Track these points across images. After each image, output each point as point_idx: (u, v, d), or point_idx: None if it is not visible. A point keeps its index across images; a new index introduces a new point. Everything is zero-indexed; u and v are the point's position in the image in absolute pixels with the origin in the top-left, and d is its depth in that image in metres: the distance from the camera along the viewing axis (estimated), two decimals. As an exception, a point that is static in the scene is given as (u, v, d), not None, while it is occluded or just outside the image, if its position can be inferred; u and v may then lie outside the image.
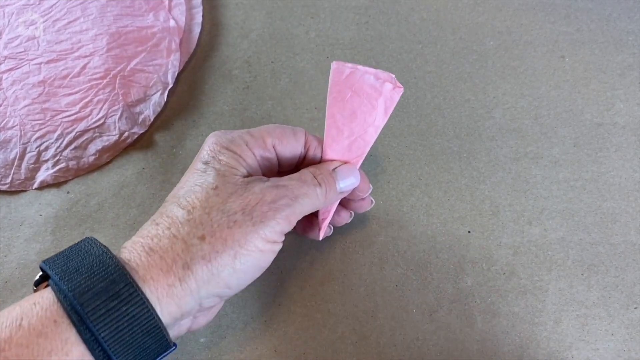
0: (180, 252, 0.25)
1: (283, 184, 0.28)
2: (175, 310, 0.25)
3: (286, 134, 0.31)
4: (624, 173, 0.38)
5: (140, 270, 0.25)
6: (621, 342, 0.32)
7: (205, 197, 0.27)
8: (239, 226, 0.26)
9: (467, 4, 0.46)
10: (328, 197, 0.30)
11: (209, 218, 0.26)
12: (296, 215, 0.28)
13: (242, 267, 0.26)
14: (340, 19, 0.46)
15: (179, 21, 0.45)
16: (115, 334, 0.23)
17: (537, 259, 0.35)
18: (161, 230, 0.26)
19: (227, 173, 0.28)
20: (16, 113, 0.40)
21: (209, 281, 0.25)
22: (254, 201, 0.27)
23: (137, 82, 0.42)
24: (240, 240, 0.26)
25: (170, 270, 0.25)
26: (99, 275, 0.24)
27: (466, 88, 0.42)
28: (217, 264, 0.25)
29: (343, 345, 0.33)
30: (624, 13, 0.44)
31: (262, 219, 0.26)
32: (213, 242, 0.26)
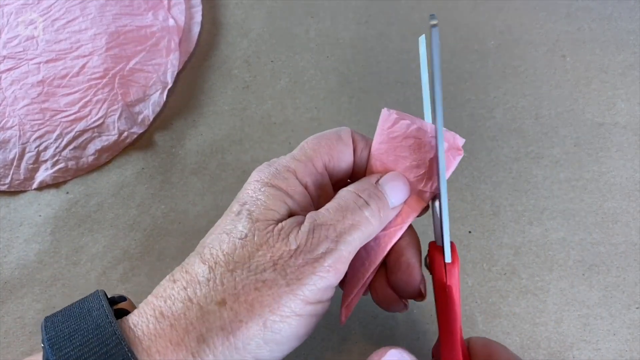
0: (194, 321, 0.21)
1: (321, 221, 0.23)
2: None
3: (334, 145, 0.25)
4: (625, 173, 0.37)
5: (145, 341, 0.21)
6: (623, 342, 0.32)
7: (231, 249, 0.22)
8: (269, 287, 0.21)
9: (468, 4, 0.45)
10: (382, 216, 0.24)
11: (232, 277, 0.21)
12: (345, 259, 0.23)
13: (274, 337, 0.21)
14: (340, 19, 0.46)
15: (178, 20, 0.45)
16: None
17: (538, 259, 0.35)
18: (177, 290, 0.22)
19: (261, 217, 0.23)
20: (15, 113, 0.40)
21: (232, 356, 0.21)
22: (288, 254, 0.22)
23: (137, 81, 0.41)
24: (271, 305, 0.21)
25: (180, 343, 0.21)
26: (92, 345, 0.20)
27: (467, 88, 0.42)
28: (242, 337, 0.21)
29: (343, 346, 0.33)
30: (625, 12, 0.44)
31: (298, 276, 0.21)
32: (236, 309, 0.21)
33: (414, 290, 0.25)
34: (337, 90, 0.42)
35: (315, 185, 0.25)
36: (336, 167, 0.26)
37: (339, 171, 0.26)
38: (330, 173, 0.26)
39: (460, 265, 0.35)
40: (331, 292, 0.23)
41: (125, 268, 0.36)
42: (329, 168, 0.26)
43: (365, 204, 0.24)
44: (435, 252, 0.26)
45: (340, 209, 0.23)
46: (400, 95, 0.42)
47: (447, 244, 0.25)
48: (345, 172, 0.26)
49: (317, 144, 0.25)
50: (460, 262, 0.26)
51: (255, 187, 0.24)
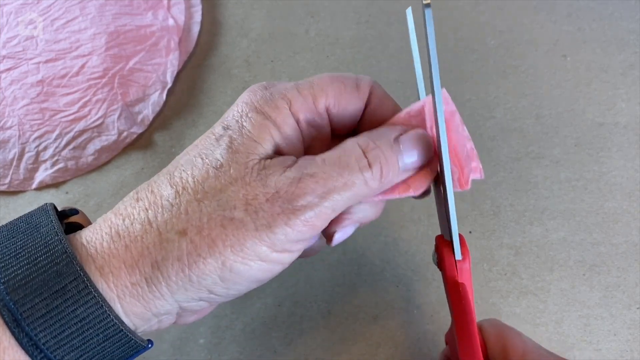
0: (151, 246, 0.20)
1: (311, 171, 0.21)
2: (143, 311, 0.20)
3: (347, 90, 0.23)
4: (625, 173, 0.37)
5: (99, 260, 0.20)
6: (623, 342, 0.32)
7: (203, 177, 0.21)
8: (235, 227, 0.20)
9: (468, 3, 0.45)
10: (384, 181, 0.22)
11: (198, 207, 0.20)
12: (326, 216, 0.21)
13: (232, 277, 0.20)
14: (341, 18, 0.46)
15: (177, 20, 0.45)
16: (60, 340, 0.19)
17: (539, 259, 0.35)
18: (138, 210, 0.21)
19: (241, 148, 0.21)
20: (15, 113, 0.40)
21: (185, 288, 0.20)
22: (264, 196, 0.20)
23: (136, 81, 0.41)
24: (234, 246, 0.20)
25: (134, 266, 0.20)
26: (41, 264, 0.19)
27: (467, 87, 0.41)
28: (198, 271, 0.20)
29: (343, 346, 0.33)
30: (625, 12, 0.44)
31: (269, 222, 0.20)
32: (196, 242, 0.20)
33: None
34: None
35: (309, 124, 0.23)
36: (339, 114, 0.23)
37: (342, 119, 0.24)
38: (332, 118, 0.24)
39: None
40: (303, 245, 0.22)
41: (125, 268, 0.36)
42: (332, 112, 0.23)
43: (367, 166, 0.21)
44: (444, 248, 0.25)
45: (338, 163, 0.21)
46: (401, 95, 0.41)
47: (455, 239, 0.24)
48: (349, 122, 0.24)
49: (328, 83, 0.23)
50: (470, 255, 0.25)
51: (242, 110, 0.22)
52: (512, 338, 0.24)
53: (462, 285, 0.24)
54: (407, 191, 0.24)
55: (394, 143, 0.22)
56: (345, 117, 0.24)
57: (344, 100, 0.23)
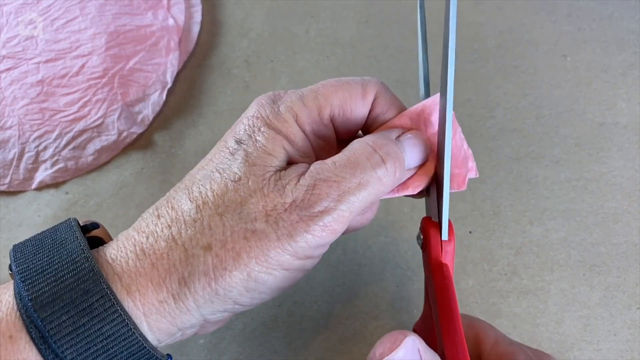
0: (177, 263, 0.20)
1: (323, 176, 0.21)
2: (168, 327, 0.21)
3: (352, 98, 0.23)
4: (625, 173, 0.37)
5: (125, 278, 0.20)
6: (624, 343, 0.32)
7: (222, 191, 0.21)
8: (258, 238, 0.20)
9: (468, 3, 0.45)
10: (398, 177, 0.22)
11: (221, 222, 0.20)
12: (344, 219, 0.21)
13: (257, 287, 0.21)
14: (341, 18, 0.46)
15: (177, 20, 0.45)
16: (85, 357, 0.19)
17: (539, 259, 0.35)
18: (160, 227, 0.21)
19: (258, 161, 0.21)
20: (14, 113, 0.40)
21: (212, 301, 0.20)
22: (282, 206, 0.20)
23: (136, 81, 0.41)
24: (258, 257, 0.20)
25: (162, 284, 0.20)
26: (68, 281, 0.19)
27: (467, 87, 0.41)
28: (224, 284, 0.20)
29: (343, 346, 0.33)
30: (625, 12, 0.44)
31: (290, 232, 0.20)
32: (221, 256, 0.20)
33: None
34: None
35: (315, 134, 0.24)
36: (345, 121, 0.24)
37: (347, 126, 0.24)
38: (337, 126, 0.24)
39: (461, 266, 0.35)
40: (323, 249, 0.22)
41: (125, 268, 0.36)
42: (337, 120, 0.24)
43: (381, 162, 0.22)
44: (431, 229, 0.25)
45: (349, 163, 0.21)
46: (401, 95, 0.41)
47: (445, 219, 0.24)
48: (354, 127, 0.25)
49: (333, 91, 0.23)
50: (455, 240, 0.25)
51: (254, 124, 0.23)
52: (483, 328, 0.24)
53: (445, 266, 0.24)
54: (406, 190, 0.24)
55: (396, 141, 0.23)
56: (350, 124, 0.24)
57: (349, 108, 0.23)
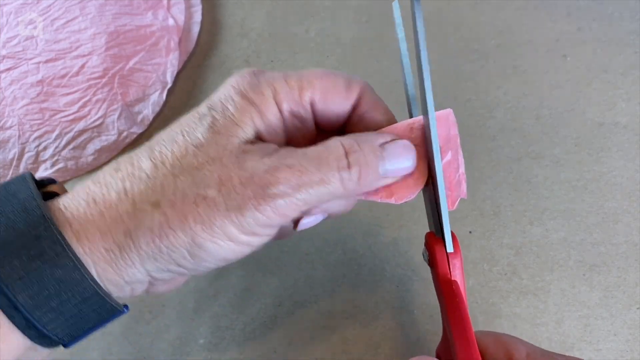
0: (124, 215, 0.20)
1: (290, 162, 0.21)
2: (115, 278, 0.21)
3: (335, 88, 0.23)
4: (625, 173, 0.37)
5: (75, 224, 0.20)
6: (623, 343, 0.32)
7: (182, 154, 0.21)
8: (207, 205, 0.20)
9: (468, 3, 0.45)
10: (362, 184, 0.22)
11: (174, 182, 0.21)
12: (297, 207, 0.21)
13: (200, 254, 0.21)
14: (341, 18, 0.46)
15: (177, 20, 0.45)
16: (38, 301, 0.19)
17: (539, 259, 0.35)
18: (115, 180, 0.21)
19: (223, 130, 0.22)
20: (14, 113, 0.40)
21: (155, 258, 0.21)
22: (238, 178, 0.21)
23: (136, 81, 0.41)
24: (204, 223, 0.20)
25: (108, 233, 0.20)
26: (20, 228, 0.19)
27: (467, 87, 0.41)
28: (168, 243, 0.20)
29: (343, 346, 0.33)
30: (626, 12, 0.44)
31: (240, 205, 0.20)
32: (168, 215, 0.20)
33: None
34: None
35: (292, 115, 0.23)
36: (325, 110, 0.23)
37: (327, 116, 0.24)
38: (317, 113, 0.24)
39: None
40: (271, 230, 0.22)
41: (125, 268, 0.36)
42: (317, 107, 0.23)
43: (346, 167, 0.22)
44: (436, 245, 0.24)
45: (318, 158, 0.21)
46: (401, 96, 0.41)
47: (447, 232, 0.24)
48: (335, 120, 0.24)
49: (317, 77, 0.23)
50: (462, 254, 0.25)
51: (228, 93, 0.23)
52: (512, 343, 0.24)
53: (454, 283, 0.24)
54: (390, 198, 0.24)
55: (378, 149, 0.23)
56: (331, 115, 0.24)
57: (331, 97, 0.23)
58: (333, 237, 0.36)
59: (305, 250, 0.36)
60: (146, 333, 0.34)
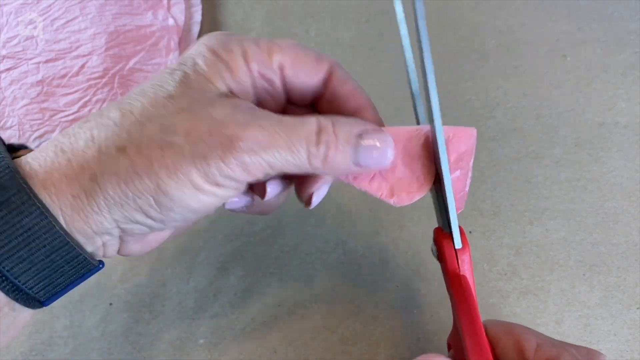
0: (90, 160, 0.20)
1: (262, 122, 0.21)
2: (83, 227, 0.21)
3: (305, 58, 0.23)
4: (625, 173, 0.37)
5: (41, 173, 0.20)
6: (623, 343, 0.32)
7: (151, 103, 0.21)
8: (173, 151, 0.20)
9: (468, 3, 0.45)
10: (328, 165, 0.22)
11: (140, 129, 0.21)
12: (260, 167, 0.21)
13: (165, 201, 0.21)
14: (341, 18, 0.46)
15: (177, 20, 0.45)
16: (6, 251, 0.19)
17: (539, 259, 0.35)
18: (84, 129, 0.21)
19: (194, 84, 0.22)
20: (14, 113, 0.40)
21: (121, 204, 0.21)
22: (207, 127, 0.21)
23: (136, 81, 0.41)
24: (169, 168, 0.20)
25: (74, 179, 0.20)
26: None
27: (467, 87, 0.41)
28: (133, 188, 0.20)
29: (343, 346, 0.33)
30: (625, 12, 0.44)
31: (205, 153, 0.20)
32: (134, 160, 0.20)
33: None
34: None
35: (262, 76, 0.23)
36: (295, 80, 0.24)
37: (297, 87, 0.24)
38: (287, 82, 0.24)
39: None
40: (236, 184, 0.22)
41: (125, 268, 0.36)
42: (287, 74, 0.23)
43: (314, 143, 0.22)
44: (444, 240, 0.25)
45: (292, 126, 0.22)
46: (400, 96, 0.41)
47: (455, 228, 0.24)
48: (306, 93, 0.24)
49: (288, 44, 0.23)
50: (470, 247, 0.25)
51: (199, 49, 0.23)
52: (523, 333, 0.24)
53: (463, 278, 0.24)
54: (389, 198, 0.24)
55: (354, 136, 0.23)
56: (301, 86, 0.24)
57: (300, 65, 0.23)
58: (333, 237, 0.36)
59: (306, 250, 0.36)
60: (146, 333, 0.34)
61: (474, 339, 0.23)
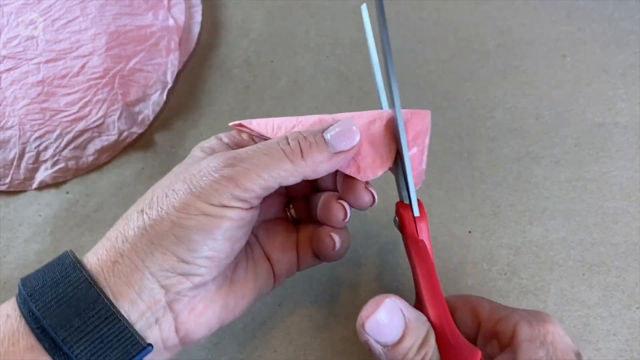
0: (121, 229, 0.25)
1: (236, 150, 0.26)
2: (127, 290, 0.23)
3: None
4: (625, 173, 0.37)
5: (90, 256, 0.25)
6: (623, 342, 0.32)
7: (160, 180, 0.27)
8: (175, 192, 0.24)
9: (468, 4, 0.45)
10: (309, 159, 0.25)
11: (152, 194, 0.25)
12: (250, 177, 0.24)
13: (184, 233, 0.24)
14: (340, 18, 0.46)
15: (178, 20, 0.45)
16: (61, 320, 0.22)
17: (539, 259, 0.35)
18: (118, 221, 0.26)
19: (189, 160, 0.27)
20: (15, 113, 0.40)
21: (152, 252, 0.24)
22: (197, 171, 0.25)
23: (136, 81, 0.41)
24: (176, 206, 0.24)
25: (112, 247, 0.24)
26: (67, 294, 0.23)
27: (467, 88, 0.42)
28: (155, 232, 0.24)
29: (343, 346, 0.33)
30: (625, 12, 0.44)
31: (201, 184, 0.24)
32: (149, 213, 0.24)
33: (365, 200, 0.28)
34: (337, 90, 0.42)
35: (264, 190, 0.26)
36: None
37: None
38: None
39: (460, 265, 0.35)
40: (236, 202, 0.24)
41: (125, 268, 0.36)
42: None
43: (286, 143, 0.25)
44: (404, 210, 0.28)
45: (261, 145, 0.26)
46: (401, 96, 0.41)
47: (413, 199, 0.27)
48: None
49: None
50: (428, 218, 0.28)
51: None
52: (478, 300, 0.28)
53: (421, 242, 0.27)
54: (357, 174, 0.27)
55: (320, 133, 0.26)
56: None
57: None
58: (333, 237, 0.36)
59: (306, 250, 0.36)
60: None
61: (431, 294, 0.25)
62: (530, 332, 0.24)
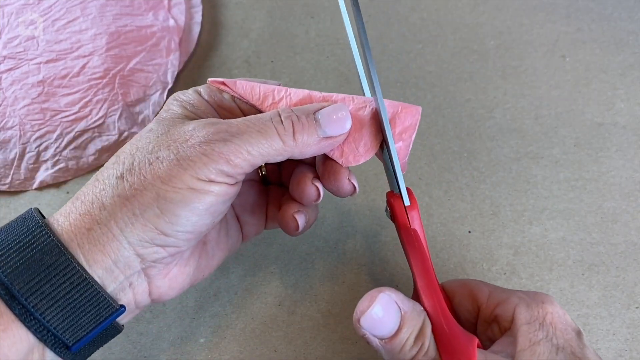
0: (97, 193, 0.23)
1: (226, 121, 0.24)
2: (102, 258, 0.23)
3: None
4: (624, 173, 0.37)
5: (61, 219, 0.23)
6: (622, 342, 0.32)
7: (137, 139, 0.25)
8: (160, 162, 0.23)
9: (468, 4, 0.46)
10: (299, 141, 0.25)
11: (132, 158, 0.24)
12: (241, 154, 0.24)
13: (169, 207, 0.23)
14: (340, 18, 0.46)
15: (178, 20, 0.45)
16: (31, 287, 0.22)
17: (538, 259, 0.35)
18: (90, 181, 0.25)
19: (168, 116, 0.26)
20: (15, 113, 0.40)
21: (132, 223, 0.23)
22: (183, 138, 0.24)
23: (137, 81, 0.42)
24: (162, 177, 0.23)
25: (86, 213, 0.23)
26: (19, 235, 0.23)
27: (466, 88, 0.42)
28: (137, 203, 0.23)
29: (343, 346, 0.33)
30: (624, 13, 0.44)
31: (189, 155, 0.23)
32: (131, 180, 0.23)
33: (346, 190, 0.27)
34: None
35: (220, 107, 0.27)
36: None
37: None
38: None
39: (460, 265, 0.35)
40: (224, 177, 0.24)
41: (126, 268, 0.36)
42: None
43: (279, 121, 0.25)
44: (394, 199, 0.28)
45: (258, 117, 0.25)
46: (400, 96, 0.42)
47: (402, 188, 0.27)
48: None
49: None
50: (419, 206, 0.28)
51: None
52: (476, 284, 0.28)
53: (414, 231, 0.27)
54: (340, 158, 0.27)
55: (312, 113, 0.26)
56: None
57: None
58: (333, 237, 0.36)
59: (306, 250, 0.36)
60: (147, 332, 0.34)
61: (425, 282, 0.26)
62: (529, 315, 0.24)
